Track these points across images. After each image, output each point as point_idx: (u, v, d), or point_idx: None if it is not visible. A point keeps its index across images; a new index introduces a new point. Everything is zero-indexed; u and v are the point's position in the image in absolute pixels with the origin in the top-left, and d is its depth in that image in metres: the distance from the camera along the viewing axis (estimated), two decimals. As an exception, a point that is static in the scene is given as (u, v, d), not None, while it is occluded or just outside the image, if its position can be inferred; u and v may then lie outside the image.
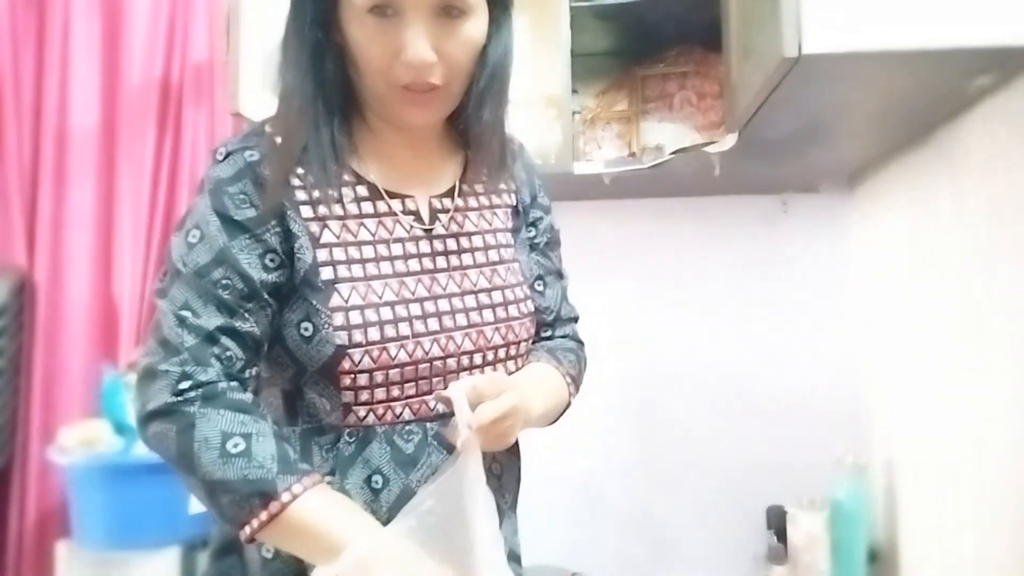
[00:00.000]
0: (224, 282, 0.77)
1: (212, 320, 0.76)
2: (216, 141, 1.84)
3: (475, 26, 0.79)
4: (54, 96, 1.89)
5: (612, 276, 1.87)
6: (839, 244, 1.78)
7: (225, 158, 0.81)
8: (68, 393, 1.84)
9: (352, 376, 0.79)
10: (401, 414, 0.82)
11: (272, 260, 0.79)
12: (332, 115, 0.82)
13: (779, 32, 0.89)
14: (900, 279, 1.47)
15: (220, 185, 0.79)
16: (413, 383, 0.82)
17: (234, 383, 0.76)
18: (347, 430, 0.81)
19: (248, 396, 0.77)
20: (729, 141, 1.34)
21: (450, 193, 0.89)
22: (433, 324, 0.83)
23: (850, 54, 0.89)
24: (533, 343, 0.94)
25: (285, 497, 0.70)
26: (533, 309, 0.91)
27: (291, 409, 0.83)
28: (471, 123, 0.86)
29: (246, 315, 0.77)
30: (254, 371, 0.80)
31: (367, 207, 0.84)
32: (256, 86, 1.53)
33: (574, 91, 1.66)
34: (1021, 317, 0.98)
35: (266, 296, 0.79)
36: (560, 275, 1.01)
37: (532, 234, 0.97)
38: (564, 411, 0.95)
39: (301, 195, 0.81)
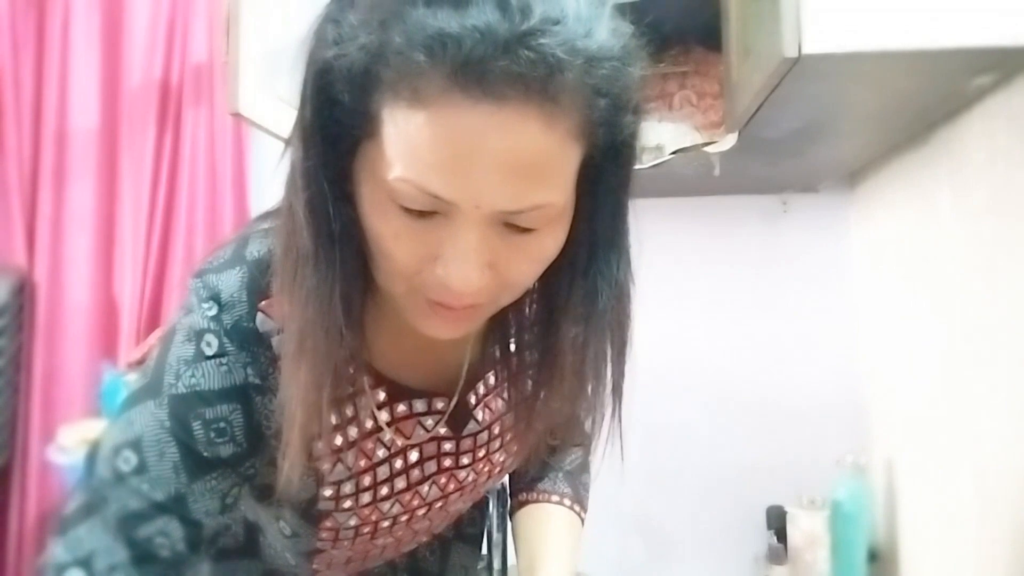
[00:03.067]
0: (159, 540, 0.56)
1: None
2: (216, 142, 1.86)
3: (552, 238, 0.53)
4: (54, 96, 1.89)
5: (612, 276, 1.87)
6: (839, 243, 1.78)
7: (216, 356, 0.56)
8: (68, 393, 1.83)
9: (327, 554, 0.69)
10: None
11: (235, 494, 0.60)
12: (353, 309, 0.55)
13: (779, 32, 0.89)
14: (900, 278, 1.47)
15: (194, 402, 0.56)
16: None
17: None
18: None
19: None
20: (729, 141, 1.34)
21: (487, 364, 0.69)
22: (437, 510, 0.71)
23: (850, 54, 0.89)
24: None
25: None
26: None
27: (250, 540, 0.73)
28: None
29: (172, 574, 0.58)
30: None
31: (384, 415, 0.64)
32: (256, 86, 1.53)
33: (574, 91, 1.66)
34: (1021, 316, 0.98)
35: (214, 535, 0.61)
36: None
37: None
38: None
39: None
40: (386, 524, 0.68)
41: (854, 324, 1.74)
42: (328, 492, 0.63)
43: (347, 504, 0.65)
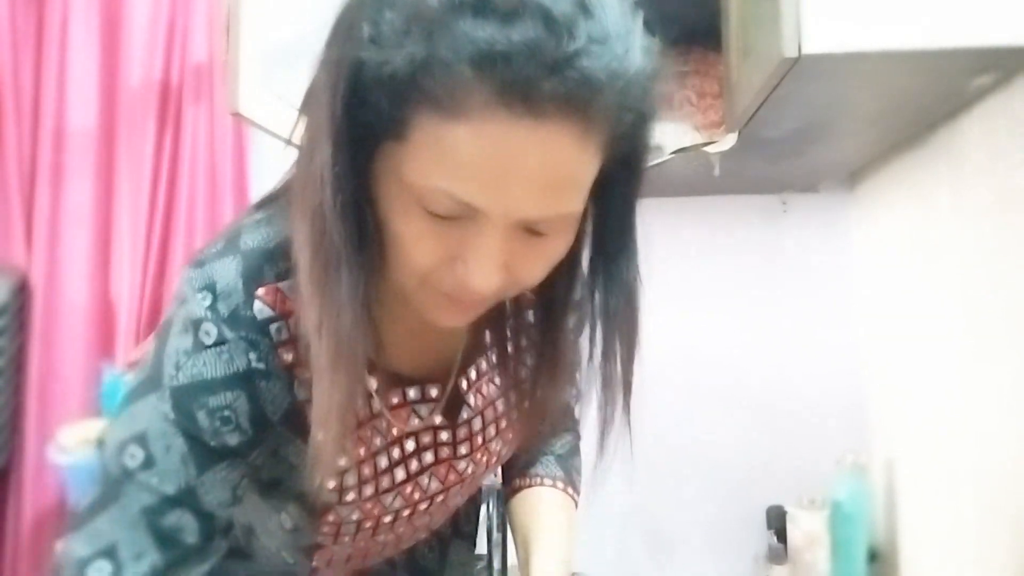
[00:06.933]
0: (173, 532, 0.55)
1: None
2: (216, 142, 1.86)
3: (564, 240, 0.55)
4: (52, 96, 1.88)
5: (612, 276, 1.87)
6: (839, 243, 1.78)
7: (215, 344, 0.55)
8: (66, 393, 1.83)
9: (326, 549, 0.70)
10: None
11: (244, 484, 0.60)
12: (372, 309, 0.55)
13: (779, 32, 0.89)
14: (900, 278, 1.47)
15: (197, 391, 0.55)
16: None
17: None
18: None
19: None
20: (729, 141, 1.34)
21: (478, 350, 0.70)
22: (438, 504, 0.72)
23: (850, 54, 0.89)
24: None
25: None
26: None
27: (245, 541, 0.72)
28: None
29: (197, 559, 0.57)
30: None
31: (376, 403, 0.64)
32: (256, 86, 1.53)
33: (574, 91, 1.66)
34: (1022, 316, 0.98)
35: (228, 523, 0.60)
36: None
37: None
38: None
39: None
40: (388, 519, 0.68)
41: (854, 324, 1.74)
42: (331, 484, 0.63)
43: (350, 496, 0.64)
